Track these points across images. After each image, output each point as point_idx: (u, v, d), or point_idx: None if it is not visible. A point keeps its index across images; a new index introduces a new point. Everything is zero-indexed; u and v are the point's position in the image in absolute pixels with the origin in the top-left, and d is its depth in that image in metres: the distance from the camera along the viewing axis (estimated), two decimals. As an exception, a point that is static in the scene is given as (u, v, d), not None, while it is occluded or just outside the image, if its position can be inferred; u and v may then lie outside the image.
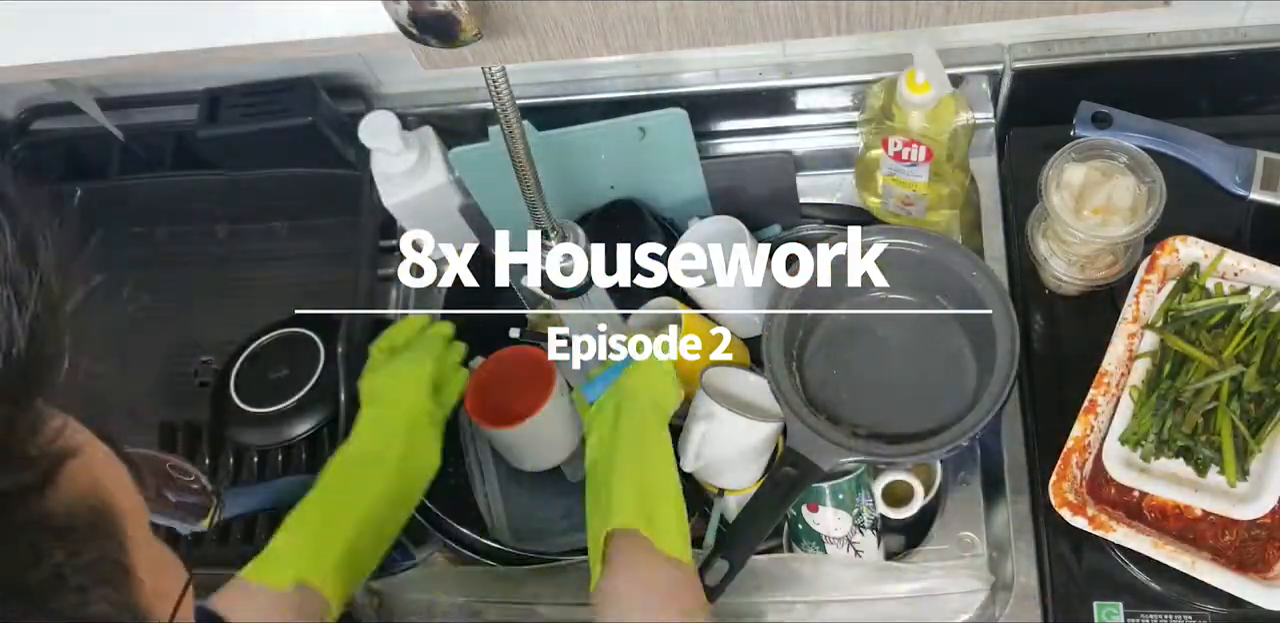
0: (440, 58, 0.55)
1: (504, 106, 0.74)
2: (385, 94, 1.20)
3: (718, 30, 0.55)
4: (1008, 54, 1.09)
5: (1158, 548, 0.87)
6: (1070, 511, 0.89)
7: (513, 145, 0.79)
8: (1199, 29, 1.06)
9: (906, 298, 1.05)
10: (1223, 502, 0.87)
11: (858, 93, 1.13)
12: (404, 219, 1.17)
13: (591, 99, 1.13)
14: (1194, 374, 0.90)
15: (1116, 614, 0.91)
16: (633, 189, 1.15)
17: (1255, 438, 0.87)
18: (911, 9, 0.53)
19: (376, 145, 1.09)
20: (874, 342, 1.05)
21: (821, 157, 1.20)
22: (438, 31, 0.50)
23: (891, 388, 1.03)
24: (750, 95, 1.14)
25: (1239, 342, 0.90)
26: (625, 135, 1.09)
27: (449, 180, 1.13)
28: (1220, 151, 1.03)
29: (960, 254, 0.99)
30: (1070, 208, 0.95)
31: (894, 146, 1.02)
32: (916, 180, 1.06)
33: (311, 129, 1.13)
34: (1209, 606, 0.90)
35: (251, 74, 1.14)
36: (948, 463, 1.05)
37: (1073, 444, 0.92)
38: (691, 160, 1.13)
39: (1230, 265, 0.95)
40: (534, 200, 0.84)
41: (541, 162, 1.09)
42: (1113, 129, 1.04)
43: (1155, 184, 0.94)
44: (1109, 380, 0.93)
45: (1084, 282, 1.01)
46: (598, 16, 0.54)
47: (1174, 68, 1.07)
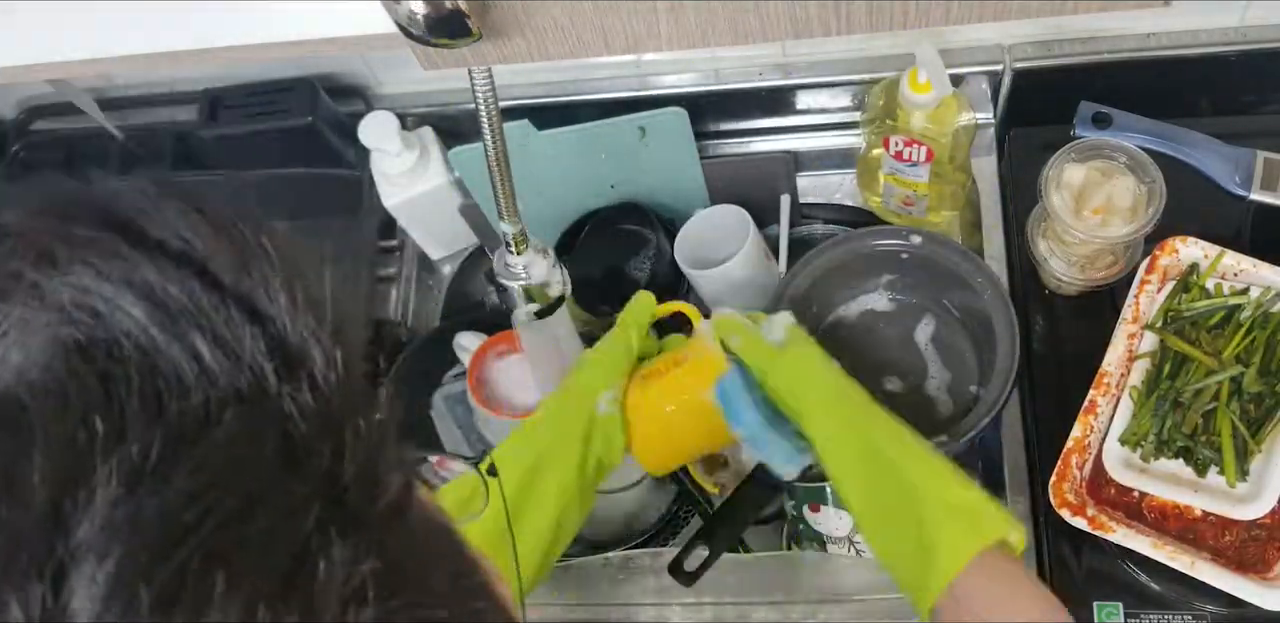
0: (440, 58, 0.55)
1: (487, 107, 0.74)
2: (385, 94, 1.20)
3: (718, 30, 0.54)
4: (1008, 54, 1.09)
5: (1157, 548, 0.87)
6: (1070, 511, 0.89)
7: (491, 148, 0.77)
8: (1199, 29, 1.06)
9: (907, 299, 1.05)
10: (1222, 502, 0.87)
11: (858, 93, 1.13)
12: (404, 219, 1.17)
13: (591, 99, 1.13)
14: (1194, 375, 0.90)
15: (1116, 614, 0.91)
16: (633, 189, 1.15)
17: (1255, 438, 0.87)
18: (911, 9, 0.53)
19: (376, 146, 1.09)
20: (874, 342, 1.05)
21: (821, 156, 1.20)
22: (450, 31, 0.50)
23: (891, 388, 1.03)
24: (750, 95, 1.14)
25: (1239, 342, 0.90)
26: (625, 135, 1.09)
27: (449, 181, 1.13)
28: (1220, 152, 1.03)
29: (961, 255, 0.99)
30: (1070, 208, 0.95)
31: (895, 146, 1.02)
32: (917, 180, 1.06)
33: (311, 129, 1.13)
34: (1209, 606, 0.90)
35: (251, 74, 1.14)
36: (948, 463, 1.05)
37: (1072, 445, 0.92)
38: (691, 160, 1.13)
39: (1230, 266, 0.95)
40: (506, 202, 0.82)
41: (541, 161, 1.10)
42: (1113, 129, 1.04)
43: (1155, 184, 0.94)
44: (1109, 381, 0.93)
45: (1084, 282, 1.01)
46: (598, 16, 0.54)
47: (1174, 68, 1.07)
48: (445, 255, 1.24)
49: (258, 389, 0.29)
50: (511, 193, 0.81)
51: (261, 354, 0.29)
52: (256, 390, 0.29)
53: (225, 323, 0.29)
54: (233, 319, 0.30)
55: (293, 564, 0.27)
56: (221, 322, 0.29)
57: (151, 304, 0.29)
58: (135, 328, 0.29)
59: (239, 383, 0.29)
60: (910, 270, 1.02)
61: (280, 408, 0.29)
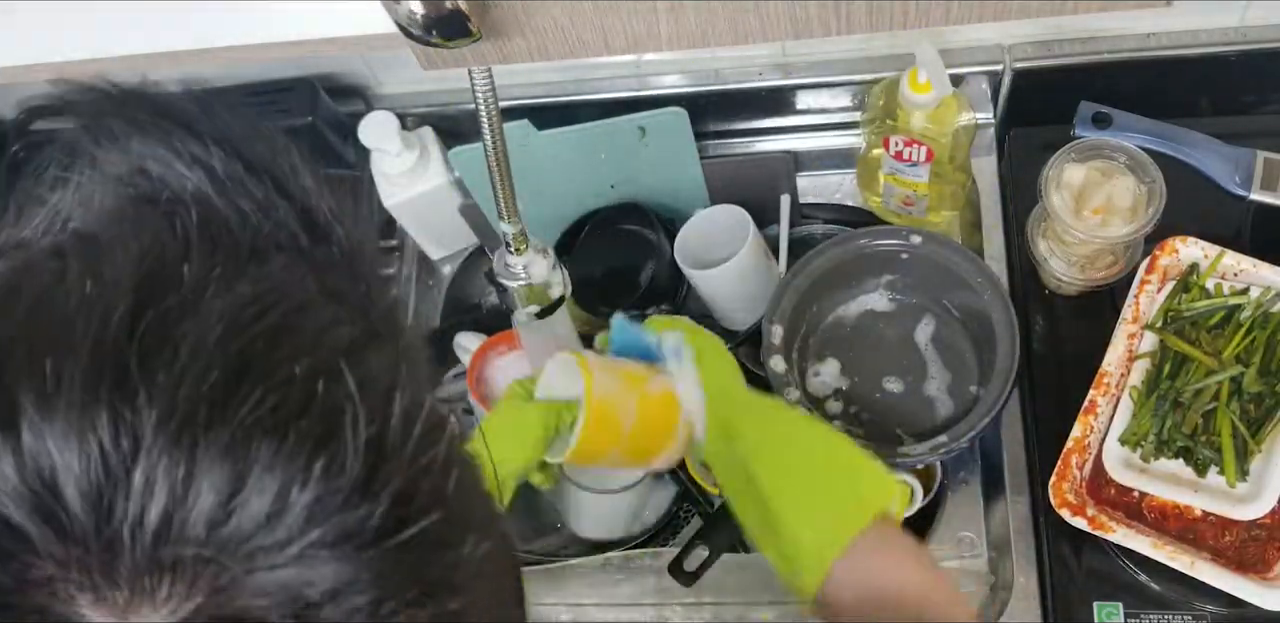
0: (440, 58, 0.55)
1: (487, 108, 0.74)
2: (385, 94, 1.20)
3: (718, 30, 0.54)
4: (1008, 54, 1.09)
5: (1157, 548, 0.87)
6: (1070, 511, 0.89)
7: (491, 148, 0.77)
8: (1199, 29, 1.06)
9: (907, 299, 1.05)
10: (1222, 502, 0.87)
11: (858, 93, 1.13)
12: (404, 219, 1.17)
13: (591, 99, 1.13)
14: (1194, 375, 0.90)
15: (1116, 615, 0.91)
16: (633, 189, 1.15)
17: (1255, 438, 0.87)
18: (911, 9, 0.53)
19: (376, 146, 1.09)
20: (874, 342, 1.05)
21: (821, 156, 1.20)
22: (449, 31, 0.50)
23: (891, 388, 1.03)
24: (750, 95, 1.14)
25: (1239, 342, 0.90)
26: (625, 135, 1.09)
27: (449, 181, 1.13)
28: (1220, 152, 1.03)
29: (961, 255, 0.99)
30: (1070, 208, 0.95)
31: (895, 146, 1.02)
32: (917, 180, 1.06)
33: (311, 129, 1.13)
34: (1209, 606, 0.90)
35: (251, 74, 1.14)
36: (948, 463, 1.05)
37: (1072, 445, 0.92)
38: (691, 160, 1.13)
39: (1230, 266, 0.95)
40: (506, 202, 0.82)
41: (542, 161, 1.10)
42: (1113, 129, 1.04)
43: (1155, 184, 0.94)
44: (1109, 381, 0.93)
45: (1084, 282, 1.01)
46: (598, 16, 0.54)
47: (1174, 68, 1.07)
48: (445, 255, 1.24)
49: (294, 246, 0.34)
50: (511, 193, 0.81)
51: (294, 221, 0.35)
52: (293, 246, 0.34)
53: (264, 195, 0.35)
54: (269, 192, 0.35)
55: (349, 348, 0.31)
56: (260, 194, 0.34)
57: (203, 170, 0.34)
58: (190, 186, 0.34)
59: (279, 238, 0.34)
60: (910, 270, 1.02)
61: (316, 259, 0.34)
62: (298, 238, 0.35)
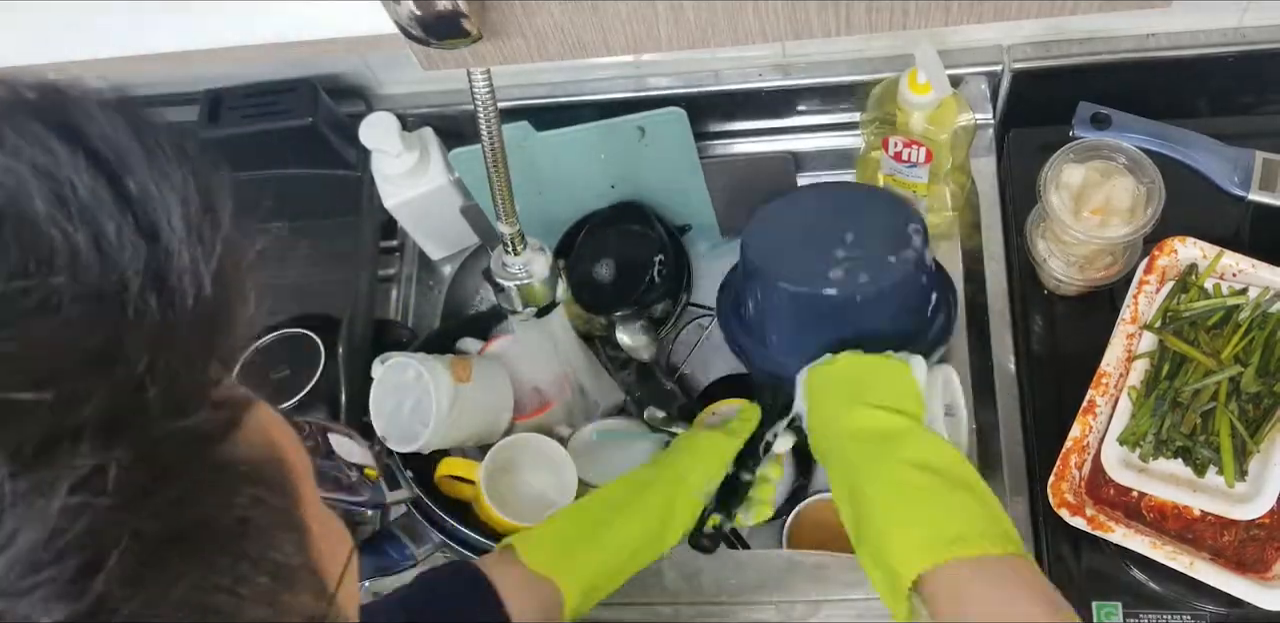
0: (440, 58, 0.56)
1: (485, 109, 0.74)
2: (385, 95, 1.20)
3: (718, 30, 0.55)
4: (1007, 55, 1.09)
5: (1156, 548, 0.87)
6: (1069, 511, 0.89)
7: (489, 149, 0.78)
8: (1199, 29, 1.06)
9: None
10: (1221, 502, 0.87)
11: (858, 93, 1.14)
12: (404, 220, 1.17)
13: (591, 99, 1.13)
14: (1192, 375, 0.90)
15: (1115, 614, 0.91)
16: (633, 189, 1.15)
17: (1253, 438, 0.88)
18: (911, 10, 0.53)
19: (377, 146, 1.09)
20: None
21: (821, 157, 1.20)
22: (444, 31, 0.51)
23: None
24: (750, 96, 1.14)
25: (1237, 342, 0.91)
26: (625, 135, 1.09)
27: (449, 181, 1.13)
28: (1219, 152, 1.04)
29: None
30: (1069, 208, 0.95)
31: (894, 147, 1.03)
32: (917, 181, 1.06)
33: (312, 130, 1.13)
34: (1208, 606, 0.90)
35: (252, 75, 1.14)
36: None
37: (1071, 445, 0.92)
38: (691, 160, 1.13)
39: (1229, 266, 0.95)
40: (504, 204, 0.82)
41: (541, 162, 1.10)
42: (1112, 130, 1.04)
43: (1154, 185, 0.94)
44: (1107, 381, 0.93)
45: (1083, 282, 1.01)
46: (598, 17, 0.54)
47: (1173, 68, 1.07)
48: (445, 255, 1.24)
49: (114, 292, 0.31)
50: (509, 195, 0.81)
51: (138, 266, 0.31)
52: (113, 292, 0.31)
53: (116, 230, 0.31)
54: (124, 228, 0.32)
55: (50, 433, 0.28)
56: (113, 227, 0.31)
57: (53, 192, 0.31)
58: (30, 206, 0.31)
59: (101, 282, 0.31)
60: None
61: (125, 314, 0.31)
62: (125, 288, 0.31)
